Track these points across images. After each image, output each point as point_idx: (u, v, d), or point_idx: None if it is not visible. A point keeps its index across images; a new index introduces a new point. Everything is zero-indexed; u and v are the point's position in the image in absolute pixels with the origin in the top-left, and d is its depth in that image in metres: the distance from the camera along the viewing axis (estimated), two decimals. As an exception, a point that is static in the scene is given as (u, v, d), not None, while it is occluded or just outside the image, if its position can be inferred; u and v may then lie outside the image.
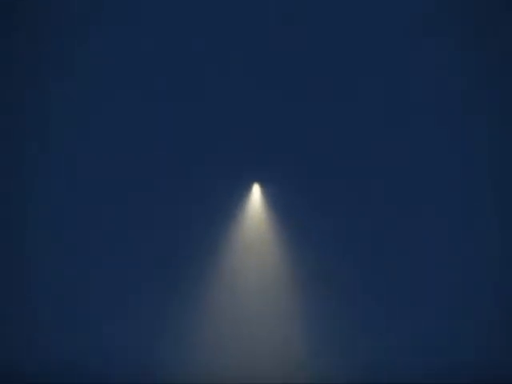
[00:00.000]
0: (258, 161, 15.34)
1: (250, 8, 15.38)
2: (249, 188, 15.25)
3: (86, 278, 15.16)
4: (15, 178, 15.24)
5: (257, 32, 15.35)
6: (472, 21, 15.15)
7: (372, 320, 14.99)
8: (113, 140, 15.37)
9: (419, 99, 15.29)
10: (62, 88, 15.33)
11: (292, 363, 14.88)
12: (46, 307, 15.08)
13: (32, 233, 15.23)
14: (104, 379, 14.67)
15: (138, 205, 15.32)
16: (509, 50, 15.19)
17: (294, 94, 15.37)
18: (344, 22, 15.38)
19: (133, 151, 15.38)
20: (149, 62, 15.44)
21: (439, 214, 15.17)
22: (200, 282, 15.13)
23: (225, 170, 15.32)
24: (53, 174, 15.31)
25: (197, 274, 15.16)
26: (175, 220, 15.26)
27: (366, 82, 15.36)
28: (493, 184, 15.13)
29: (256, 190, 15.22)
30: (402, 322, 14.93)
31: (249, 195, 15.20)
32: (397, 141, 15.25)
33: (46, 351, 14.92)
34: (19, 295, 15.06)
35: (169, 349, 14.98)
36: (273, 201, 15.21)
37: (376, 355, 14.84)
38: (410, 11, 15.25)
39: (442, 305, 14.95)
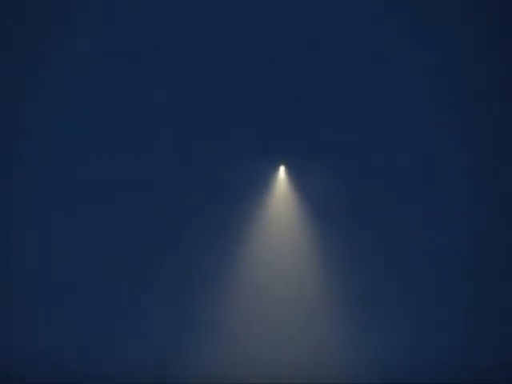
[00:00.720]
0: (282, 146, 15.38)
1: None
2: (275, 170, 15.29)
3: (96, 276, 15.13)
4: (15, 178, 15.25)
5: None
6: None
7: (372, 320, 14.98)
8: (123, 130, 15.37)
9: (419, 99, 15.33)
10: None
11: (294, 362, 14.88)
12: (45, 307, 15.07)
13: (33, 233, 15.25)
14: (106, 378, 14.68)
15: (150, 194, 15.28)
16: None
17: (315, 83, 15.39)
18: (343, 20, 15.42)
19: (141, 141, 15.36)
20: (149, 58, 15.46)
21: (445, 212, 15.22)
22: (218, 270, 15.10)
23: (250, 152, 15.32)
24: (53, 174, 15.33)
25: (215, 261, 15.12)
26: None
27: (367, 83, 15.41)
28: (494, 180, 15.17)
29: (282, 172, 15.27)
30: (402, 322, 14.93)
31: (275, 177, 15.26)
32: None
33: (45, 351, 14.93)
34: (18, 295, 15.06)
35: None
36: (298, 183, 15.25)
37: (376, 355, 14.85)
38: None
39: (443, 304, 14.95)
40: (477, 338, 14.78)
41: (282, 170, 15.29)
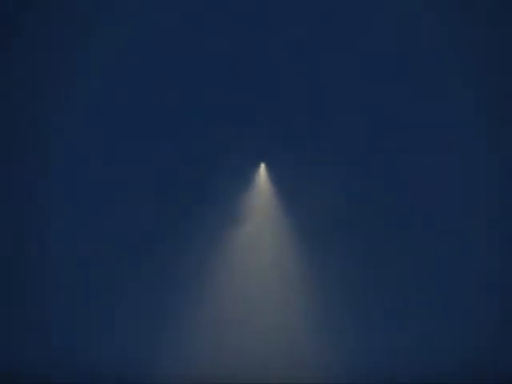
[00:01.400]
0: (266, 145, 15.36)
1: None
2: (256, 170, 15.26)
3: (94, 277, 15.17)
4: (15, 179, 15.29)
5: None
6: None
7: (372, 320, 15.00)
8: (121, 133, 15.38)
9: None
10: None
11: (295, 361, 14.89)
12: (46, 307, 15.11)
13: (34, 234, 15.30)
14: (103, 378, 14.70)
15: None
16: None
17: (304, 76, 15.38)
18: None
19: (137, 144, 15.38)
20: (150, 57, 15.50)
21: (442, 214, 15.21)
22: (202, 275, 15.09)
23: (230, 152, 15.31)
24: (56, 175, 15.37)
25: (199, 265, 15.13)
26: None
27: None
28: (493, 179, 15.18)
29: (263, 172, 15.24)
30: (402, 322, 14.93)
31: (256, 177, 15.23)
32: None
33: (45, 351, 14.97)
34: (20, 295, 15.09)
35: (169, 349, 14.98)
36: (279, 182, 15.22)
37: (376, 355, 14.85)
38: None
39: (442, 305, 14.95)
40: (478, 338, 14.80)
41: (263, 168, 15.23)
